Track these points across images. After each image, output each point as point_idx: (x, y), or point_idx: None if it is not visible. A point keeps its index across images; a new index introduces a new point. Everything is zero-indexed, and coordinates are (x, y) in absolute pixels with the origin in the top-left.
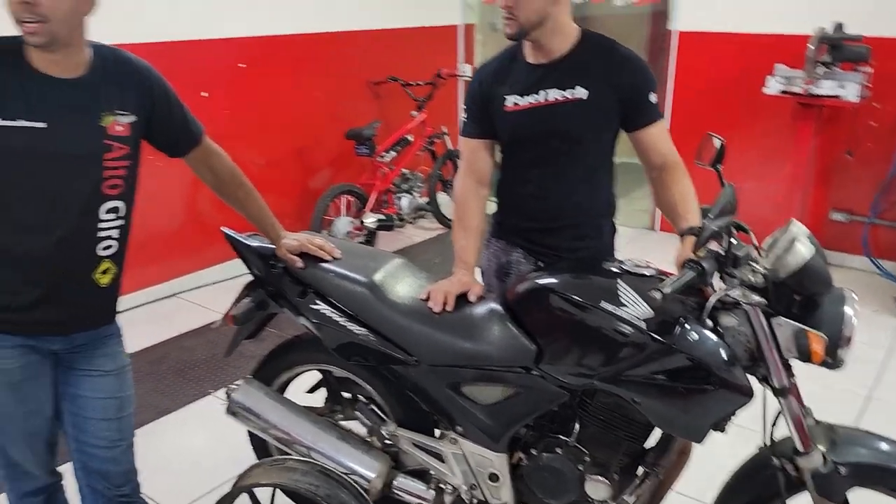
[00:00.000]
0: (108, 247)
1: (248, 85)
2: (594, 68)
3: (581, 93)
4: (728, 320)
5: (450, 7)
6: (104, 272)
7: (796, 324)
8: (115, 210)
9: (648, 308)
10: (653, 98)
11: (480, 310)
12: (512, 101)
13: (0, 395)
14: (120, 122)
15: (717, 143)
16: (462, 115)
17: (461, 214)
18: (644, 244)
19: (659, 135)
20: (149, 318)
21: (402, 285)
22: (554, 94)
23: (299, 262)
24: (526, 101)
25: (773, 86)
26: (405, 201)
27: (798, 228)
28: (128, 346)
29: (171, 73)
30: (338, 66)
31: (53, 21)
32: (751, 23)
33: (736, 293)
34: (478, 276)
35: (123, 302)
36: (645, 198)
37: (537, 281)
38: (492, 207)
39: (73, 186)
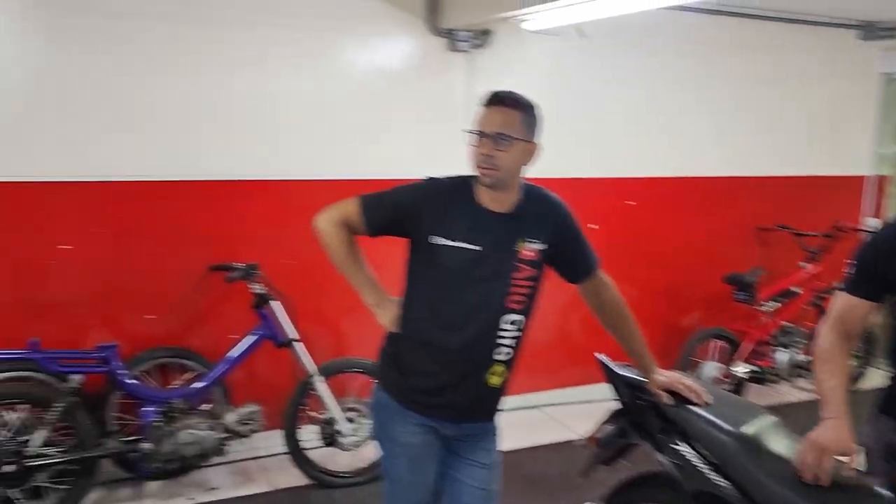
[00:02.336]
0: (506, 353)
1: (633, 220)
2: None
3: None
4: None
5: (858, 158)
6: (497, 374)
7: None
8: (514, 322)
9: None
10: None
11: (865, 493)
12: None
13: (399, 465)
14: (530, 248)
15: None
16: (849, 269)
17: (826, 358)
18: None
19: None
20: (511, 424)
21: (775, 445)
22: None
23: (667, 399)
24: None
25: None
26: (782, 356)
27: None
28: None
29: (570, 206)
30: (723, 209)
31: (502, 170)
32: None
33: None
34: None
35: None
36: None
37: None
38: (875, 377)
39: (487, 298)
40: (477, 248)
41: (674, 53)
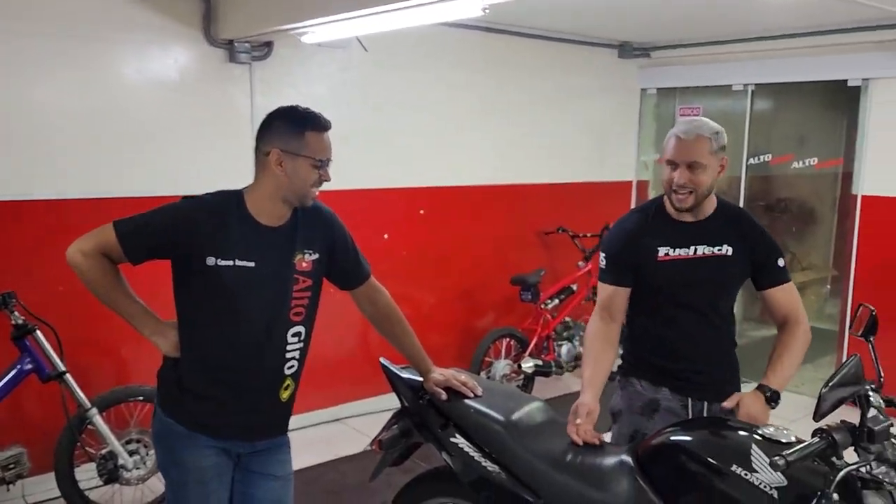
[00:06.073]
0: (292, 366)
1: (425, 229)
2: (735, 230)
3: (727, 250)
4: (874, 500)
5: (625, 165)
6: (286, 388)
7: None
8: (298, 335)
9: (782, 477)
10: (781, 263)
11: (611, 461)
12: (664, 251)
13: (190, 491)
14: (306, 260)
15: (868, 313)
16: (601, 263)
17: (592, 348)
18: None
19: (784, 295)
20: (312, 440)
21: (539, 428)
22: (703, 249)
23: (443, 395)
24: (678, 252)
25: None
26: (565, 349)
27: None
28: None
29: (360, 217)
30: (510, 215)
31: None
32: None
33: (881, 471)
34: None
35: (291, 423)
36: (828, 366)
37: (670, 437)
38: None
39: (268, 313)
40: (254, 264)
41: (452, 68)
